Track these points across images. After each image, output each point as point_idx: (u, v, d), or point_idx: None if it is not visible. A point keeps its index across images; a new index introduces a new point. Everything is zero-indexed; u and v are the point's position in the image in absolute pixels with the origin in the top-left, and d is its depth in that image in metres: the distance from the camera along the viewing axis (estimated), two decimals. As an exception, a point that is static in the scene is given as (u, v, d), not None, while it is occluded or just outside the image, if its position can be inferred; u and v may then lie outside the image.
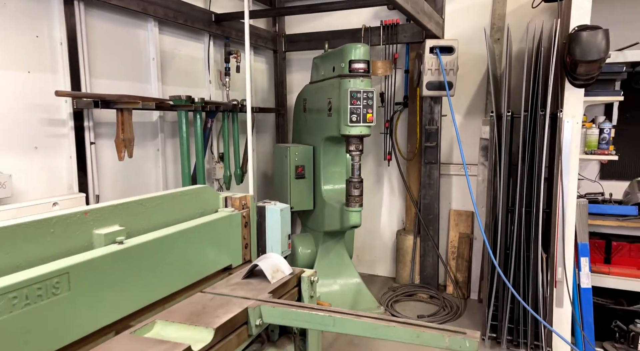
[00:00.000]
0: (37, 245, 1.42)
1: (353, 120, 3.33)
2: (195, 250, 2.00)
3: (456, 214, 4.62)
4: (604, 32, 2.94)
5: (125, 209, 1.76)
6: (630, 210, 3.31)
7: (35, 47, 2.52)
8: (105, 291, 1.52)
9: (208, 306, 1.84)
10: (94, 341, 1.51)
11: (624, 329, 3.32)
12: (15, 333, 1.24)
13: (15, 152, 2.42)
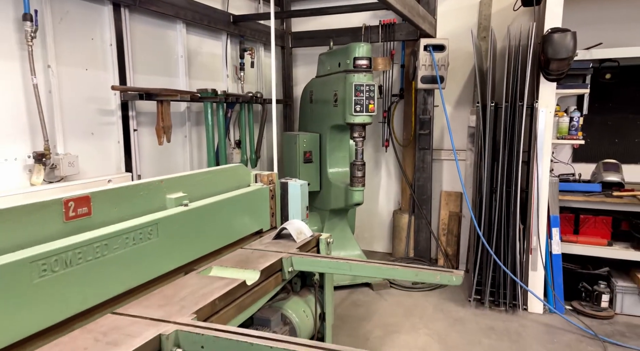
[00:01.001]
0: (132, 203, 1.89)
1: (357, 110, 3.80)
2: (236, 215, 2.47)
3: (446, 195, 5.12)
4: (572, 34, 3.42)
5: (186, 180, 2.23)
6: (595, 187, 3.82)
7: (91, 48, 2.95)
8: (178, 241, 2.00)
9: (250, 257, 2.32)
10: (171, 278, 1.99)
11: (589, 289, 3.86)
12: (127, 263, 1.71)
13: (77, 137, 2.86)
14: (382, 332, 3.51)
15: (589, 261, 4.00)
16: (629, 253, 3.72)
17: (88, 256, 1.56)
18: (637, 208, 3.66)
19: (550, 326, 3.60)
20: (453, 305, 4.01)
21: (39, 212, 1.52)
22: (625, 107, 4.14)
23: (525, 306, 3.88)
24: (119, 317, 1.61)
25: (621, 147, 4.18)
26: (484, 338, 3.40)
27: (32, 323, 1.37)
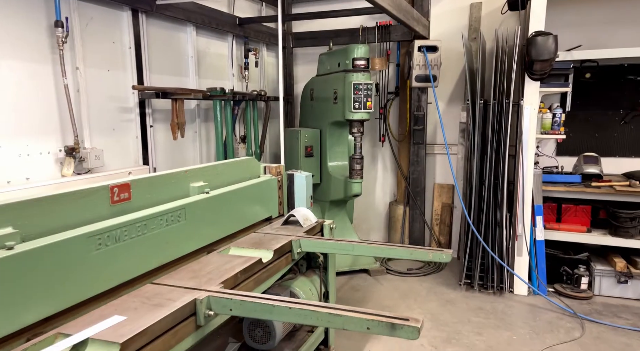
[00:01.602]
0: (162, 190, 2.15)
1: (356, 107, 4.06)
2: (249, 202, 2.74)
3: (439, 187, 5.41)
4: (553, 37, 3.70)
5: (207, 171, 2.50)
6: (575, 178, 4.12)
7: (112, 51, 3.19)
8: (201, 224, 2.26)
9: (263, 239, 2.59)
10: (196, 257, 2.25)
11: (570, 273, 4.17)
12: (161, 241, 1.98)
13: (101, 133, 3.11)
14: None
15: (570, 247, 4.31)
16: (607, 239, 4.03)
17: (132, 234, 1.82)
18: (613, 198, 3.96)
19: (534, 306, 3.90)
20: (445, 289, 4.30)
21: (91, 196, 1.78)
22: (604, 104, 4.43)
23: (512, 289, 4.18)
24: (158, 286, 1.87)
25: (600, 141, 4.48)
26: (473, 317, 3.70)
27: (91, 287, 1.64)
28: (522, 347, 3.22)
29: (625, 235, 3.94)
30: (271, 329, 2.48)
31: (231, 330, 2.88)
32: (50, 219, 1.61)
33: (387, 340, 3.33)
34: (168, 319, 1.60)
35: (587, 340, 3.32)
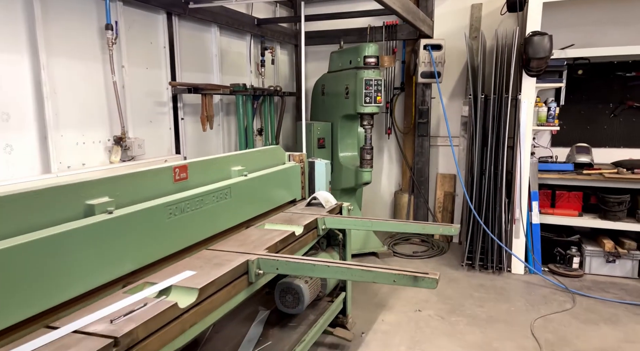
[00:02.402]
0: (210, 172, 2.48)
1: (367, 101, 4.39)
2: (278, 185, 3.07)
3: (442, 177, 5.76)
4: (549, 37, 4.03)
5: (243, 156, 2.83)
6: (568, 167, 4.46)
7: (150, 50, 3.51)
8: (241, 202, 2.60)
9: (292, 217, 2.93)
10: (238, 231, 2.59)
11: (563, 253, 4.52)
12: (213, 214, 2.32)
13: (141, 125, 3.44)
14: (388, 289, 4.14)
15: (563, 230, 4.66)
16: (597, 222, 4.38)
17: (192, 207, 2.15)
18: (603, 184, 4.31)
19: (530, 283, 4.26)
20: (448, 269, 4.65)
21: (160, 175, 2.12)
22: (595, 98, 4.77)
23: (509, 268, 4.54)
24: (214, 251, 2.21)
25: (592, 132, 4.82)
26: (475, 292, 4.05)
27: (166, 248, 1.98)
28: (519, 316, 3.57)
29: (613, 218, 4.29)
30: (300, 295, 2.81)
31: (260, 300, 3.23)
32: (132, 191, 1.94)
33: (398, 310, 3.68)
34: (228, 275, 1.94)
35: (577, 310, 3.68)
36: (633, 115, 4.66)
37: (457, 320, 3.53)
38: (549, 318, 3.53)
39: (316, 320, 2.96)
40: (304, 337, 2.73)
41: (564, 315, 3.59)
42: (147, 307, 1.57)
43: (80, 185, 1.72)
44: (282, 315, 3.00)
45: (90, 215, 1.71)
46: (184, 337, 1.66)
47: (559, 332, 3.32)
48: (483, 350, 3.09)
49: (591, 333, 3.30)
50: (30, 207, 1.54)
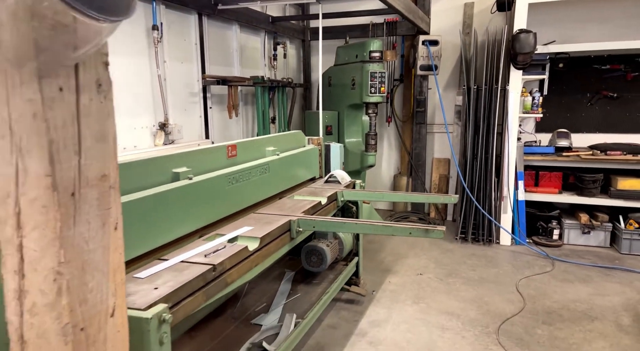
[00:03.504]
0: (251, 151, 2.95)
1: (372, 91, 4.87)
2: (302, 164, 3.55)
3: (437, 161, 6.27)
4: (533, 34, 4.52)
5: (274, 139, 3.30)
6: (550, 150, 4.99)
7: (184, 47, 3.93)
8: (276, 177, 3.07)
9: (315, 191, 3.41)
10: (273, 201, 3.07)
11: (545, 227, 5.07)
12: (257, 185, 2.79)
13: (178, 113, 3.87)
14: (393, 258, 4.66)
15: (545, 206, 5.21)
16: (574, 199, 4.93)
17: (243, 178, 2.62)
18: (580, 165, 4.85)
19: (516, 252, 4.80)
20: (444, 242, 5.18)
21: (216, 152, 2.58)
22: (574, 88, 5.29)
23: (498, 241, 5.08)
24: (260, 214, 2.69)
25: (571, 119, 5.35)
26: (468, 260, 4.58)
27: (227, 209, 2.45)
28: (506, 278, 4.11)
29: (588, 194, 4.84)
30: (323, 256, 3.31)
31: (285, 264, 3.72)
32: (201, 164, 2.41)
33: (402, 274, 4.20)
34: (277, 230, 2.43)
35: (556, 272, 4.23)
36: (607, 104, 5.20)
37: (453, 281, 4.05)
38: (531, 278, 4.07)
39: (335, 278, 3.46)
40: (327, 290, 3.22)
41: (545, 276, 4.13)
42: (227, 248, 2.05)
43: (168, 157, 2.19)
44: (305, 275, 3.50)
45: (176, 180, 2.17)
46: (251, 273, 2.14)
47: (540, 289, 3.86)
48: (476, 302, 3.62)
49: (567, 289, 3.85)
50: (138, 172, 2.00)
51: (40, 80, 0.99)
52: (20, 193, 1.05)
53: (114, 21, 0.91)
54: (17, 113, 1.01)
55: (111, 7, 0.88)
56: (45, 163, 1.02)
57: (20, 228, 1.07)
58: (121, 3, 0.91)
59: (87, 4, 0.84)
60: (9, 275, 1.09)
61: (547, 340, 3.04)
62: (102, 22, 0.89)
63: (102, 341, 1.17)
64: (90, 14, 0.85)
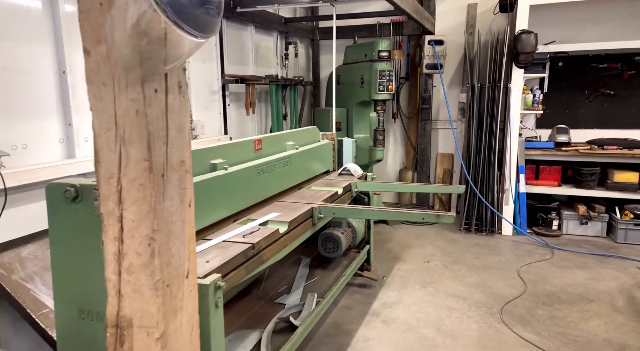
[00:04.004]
0: (274, 145, 3.19)
1: (380, 89, 5.10)
2: (317, 158, 3.78)
3: (441, 156, 6.50)
4: (534, 35, 4.75)
5: (293, 134, 3.53)
6: (549, 145, 5.22)
7: (205, 47, 4.16)
8: (296, 169, 3.30)
9: (330, 182, 3.65)
10: (294, 191, 3.30)
11: (544, 218, 5.31)
12: (280, 176, 3.03)
13: (200, 110, 4.11)
14: (400, 248, 4.90)
15: (545, 198, 5.44)
16: (572, 191, 5.17)
17: (269, 169, 2.86)
18: (578, 158, 5.08)
19: (517, 242, 5.04)
20: (449, 233, 5.42)
21: (245, 146, 2.82)
22: (573, 86, 5.51)
23: (500, 231, 5.32)
24: (284, 202, 2.93)
25: (570, 116, 5.58)
26: (472, 249, 4.82)
27: (256, 197, 2.69)
28: (508, 265, 4.35)
29: (586, 187, 5.08)
30: (339, 242, 3.54)
31: (301, 252, 3.96)
32: (232, 156, 2.65)
33: (410, 262, 4.44)
34: (302, 216, 2.66)
35: (555, 260, 4.47)
36: (605, 101, 5.43)
37: (458, 268, 4.30)
38: (532, 265, 4.32)
39: (349, 264, 3.70)
40: (342, 274, 3.46)
41: (544, 263, 4.38)
42: (260, 231, 2.29)
43: (206, 150, 2.43)
44: (321, 261, 3.74)
45: (214, 170, 2.41)
46: (281, 253, 2.38)
47: (540, 275, 4.10)
48: (480, 287, 3.86)
49: (565, 275, 4.10)
50: (182, 162, 2.23)
51: (143, 83, 1.23)
52: (122, 175, 1.29)
53: (206, 37, 1.15)
54: (122, 110, 1.26)
55: (206, 27, 1.12)
56: (144, 150, 1.26)
57: (120, 203, 1.31)
58: (212, 24, 1.15)
59: (191, 24, 1.07)
60: (110, 241, 1.33)
61: (546, 319, 3.28)
62: (198, 38, 1.12)
63: (180, 298, 1.41)
64: (192, 32, 1.09)
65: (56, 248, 1.78)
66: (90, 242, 1.72)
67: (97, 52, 1.24)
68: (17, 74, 2.44)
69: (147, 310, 1.33)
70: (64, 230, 1.76)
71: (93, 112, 1.31)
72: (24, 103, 2.48)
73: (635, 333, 3.06)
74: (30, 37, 2.53)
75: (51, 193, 1.75)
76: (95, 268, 1.71)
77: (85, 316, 1.77)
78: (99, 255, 1.73)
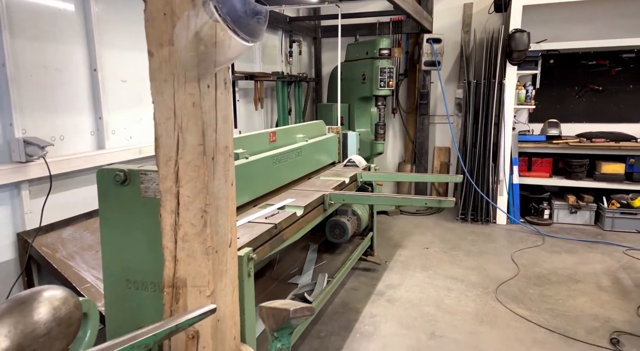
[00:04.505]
0: (285, 138, 3.42)
1: (381, 85, 5.33)
2: (324, 150, 4.01)
3: (438, 149, 6.75)
4: (527, 34, 4.99)
5: (302, 128, 3.76)
6: (541, 138, 5.48)
7: (217, 46, 4.37)
8: (306, 160, 3.53)
9: (337, 172, 3.89)
10: (304, 181, 3.54)
11: (536, 207, 5.57)
12: (293, 166, 3.26)
13: (212, 105, 4.32)
14: (401, 235, 5.15)
15: (537, 189, 5.71)
16: (563, 182, 5.44)
17: (284, 159, 3.09)
18: (568, 151, 5.34)
19: (511, 230, 5.31)
20: (446, 222, 5.68)
21: (262, 137, 3.05)
22: (563, 82, 5.77)
23: (494, 220, 5.58)
24: (297, 190, 3.16)
25: (560, 110, 5.83)
26: (468, 236, 5.08)
27: (273, 184, 2.92)
28: (502, 250, 4.61)
29: (575, 178, 5.35)
30: (345, 228, 3.78)
31: (309, 238, 4.20)
32: (250, 146, 2.88)
33: (411, 248, 4.69)
34: (315, 201, 2.90)
35: (546, 245, 4.74)
36: (593, 96, 5.69)
37: (456, 253, 4.56)
38: (524, 251, 4.58)
39: (354, 249, 3.94)
40: (349, 258, 3.71)
41: (536, 249, 4.64)
42: (280, 213, 2.52)
43: (229, 140, 2.65)
44: (328, 247, 3.99)
45: (236, 159, 2.64)
46: (298, 233, 2.62)
47: (532, 259, 4.37)
48: (477, 270, 4.12)
49: (555, 259, 4.36)
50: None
51: (199, 81, 1.46)
52: (179, 158, 1.53)
53: (254, 42, 1.38)
54: (180, 103, 1.49)
55: (255, 33, 1.35)
56: (199, 136, 1.49)
57: (177, 182, 1.54)
58: (260, 31, 1.38)
59: (245, 31, 1.30)
60: (167, 214, 1.57)
61: (537, 297, 3.55)
62: (249, 42, 1.35)
63: (225, 263, 1.65)
64: (245, 38, 1.32)
65: (106, 225, 2.01)
66: (136, 220, 1.95)
67: (159, 55, 1.48)
68: (55, 72, 2.65)
69: (199, 271, 1.57)
70: (112, 209, 1.99)
71: (154, 105, 1.55)
72: (61, 99, 2.69)
73: (619, 309, 3.33)
74: (64, 38, 2.74)
75: (102, 177, 1.97)
76: (140, 243, 1.95)
77: (132, 285, 2.00)
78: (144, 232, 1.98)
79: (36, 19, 2.54)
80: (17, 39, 2.39)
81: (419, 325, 3.13)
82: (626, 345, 2.84)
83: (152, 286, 1.99)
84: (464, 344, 2.89)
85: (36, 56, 2.52)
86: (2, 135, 2.35)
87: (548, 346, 2.86)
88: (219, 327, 1.62)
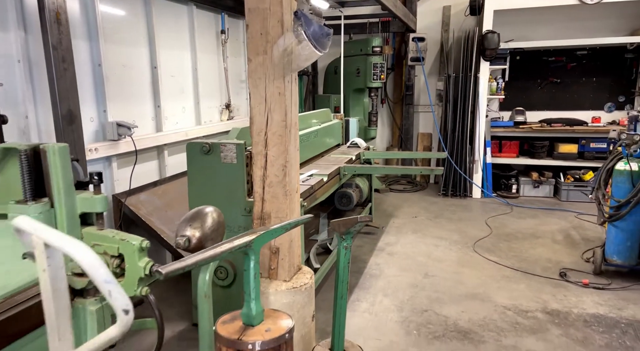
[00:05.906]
0: (304, 123, 4.11)
1: (374, 78, 6.05)
2: (331, 133, 4.72)
3: (422, 135, 7.53)
4: (497, 34, 5.79)
5: (314, 114, 4.46)
6: (509, 124, 6.32)
7: (236, 45, 4.99)
8: (320, 141, 4.24)
9: (344, 151, 4.60)
10: (319, 158, 4.24)
11: (506, 183, 6.43)
12: (313, 145, 3.97)
13: (233, 96, 4.96)
14: (392, 208, 5.92)
15: (506, 167, 6.57)
16: (528, 161, 6.30)
17: (307, 139, 3.79)
18: (532, 134, 6.20)
19: (485, 202, 6.15)
20: (429, 197, 6.48)
21: (289, 121, 3.74)
22: (528, 76, 6.62)
23: (471, 195, 6.41)
24: (317, 164, 3.86)
25: (526, 100, 6.68)
26: (449, 208, 5.90)
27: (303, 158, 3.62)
28: (478, 217, 5.44)
29: (538, 157, 6.22)
30: (351, 198, 4.51)
31: (318, 209, 4.92)
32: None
33: (402, 217, 5.47)
34: (334, 171, 3.62)
35: (514, 213, 5.60)
36: (553, 88, 6.56)
37: (439, 220, 5.36)
38: (496, 217, 5.43)
39: (358, 216, 4.68)
40: (355, 222, 4.44)
41: (505, 216, 5.49)
42: (311, 179, 3.23)
43: (270, 123, 3.33)
44: (335, 215, 4.71)
45: (275, 138, 3.32)
46: (325, 195, 3.34)
47: (502, 223, 5.21)
48: (457, 232, 4.93)
49: (520, 223, 5.21)
50: (258, 131, 3.14)
51: (284, 77, 2.15)
52: (268, 130, 2.22)
53: (324, 52, 2.07)
54: (270, 93, 2.18)
55: (325, 46, 2.04)
56: (282, 115, 2.19)
57: (266, 146, 2.24)
58: (327, 44, 2.07)
59: (320, 45, 1.99)
60: (258, 168, 2.27)
61: (506, 248, 4.37)
62: (321, 52, 2.05)
63: (294, 202, 2.36)
64: (320, 50, 2.01)
65: (193, 185, 2.68)
66: (217, 180, 2.63)
67: (256, 61, 2.17)
68: (129, 70, 3.26)
69: (281, 208, 2.28)
70: (198, 172, 2.66)
71: (251, 95, 2.24)
72: (133, 91, 3.31)
73: (568, 255, 4.18)
74: (133, 41, 3.34)
75: (191, 148, 2.64)
76: (219, 197, 2.63)
77: (213, 228, 2.68)
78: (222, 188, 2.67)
79: (117, 27, 3.14)
80: (107, 44, 2.99)
81: (414, 268, 3.91)
82: (571, 277, 3.68)
83: (227, 229, 2.67)
84: (450, 280, 3.68)
85: (118, 57, 3.13)
86: (98, 119, 2.96)
87: (513, 279, 3.68)
88: (291, 246, 2.33)
